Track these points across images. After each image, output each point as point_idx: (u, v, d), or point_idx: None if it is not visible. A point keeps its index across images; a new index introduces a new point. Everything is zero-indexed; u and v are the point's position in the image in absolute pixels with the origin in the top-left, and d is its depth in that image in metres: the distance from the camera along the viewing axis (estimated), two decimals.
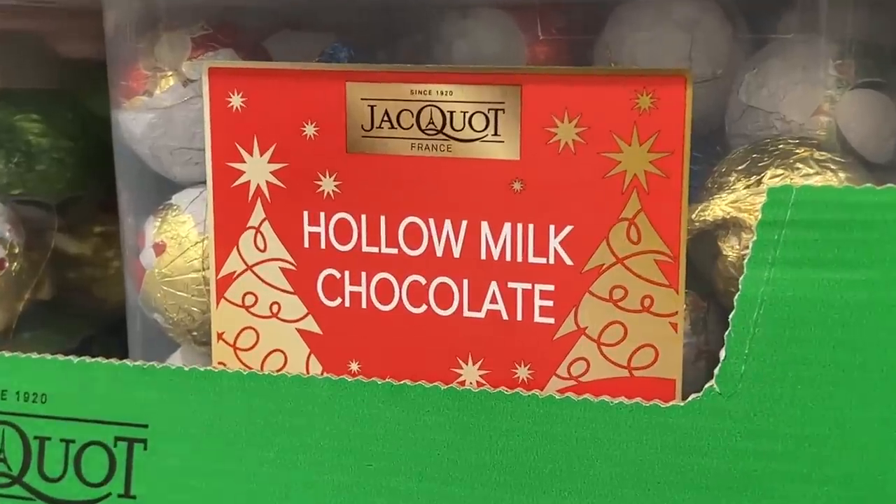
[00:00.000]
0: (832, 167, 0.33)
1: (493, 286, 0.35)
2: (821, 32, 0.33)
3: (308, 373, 0.36)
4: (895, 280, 0.30)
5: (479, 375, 0.35)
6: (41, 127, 0.47)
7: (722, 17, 0.36)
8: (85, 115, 0.49)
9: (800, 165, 0.33)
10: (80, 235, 0.49)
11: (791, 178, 0.33)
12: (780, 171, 0.33)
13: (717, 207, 0.33)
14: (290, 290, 0.36)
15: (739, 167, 0.34)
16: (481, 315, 0.35)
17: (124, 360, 0.36)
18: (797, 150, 0.33)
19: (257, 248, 0.36)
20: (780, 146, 0.33)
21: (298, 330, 0.37)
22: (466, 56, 0.38)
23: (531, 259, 0.34)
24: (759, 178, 0.33)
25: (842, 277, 0.30)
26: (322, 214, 0.36)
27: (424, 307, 0.35)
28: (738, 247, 0.33)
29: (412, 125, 0.34)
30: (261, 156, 0.36)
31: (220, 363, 0.37)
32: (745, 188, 0.33)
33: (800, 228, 0.31)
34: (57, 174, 0.47)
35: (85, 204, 0.49)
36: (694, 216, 0.34)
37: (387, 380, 0.34)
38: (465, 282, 0.35)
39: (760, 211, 0.31)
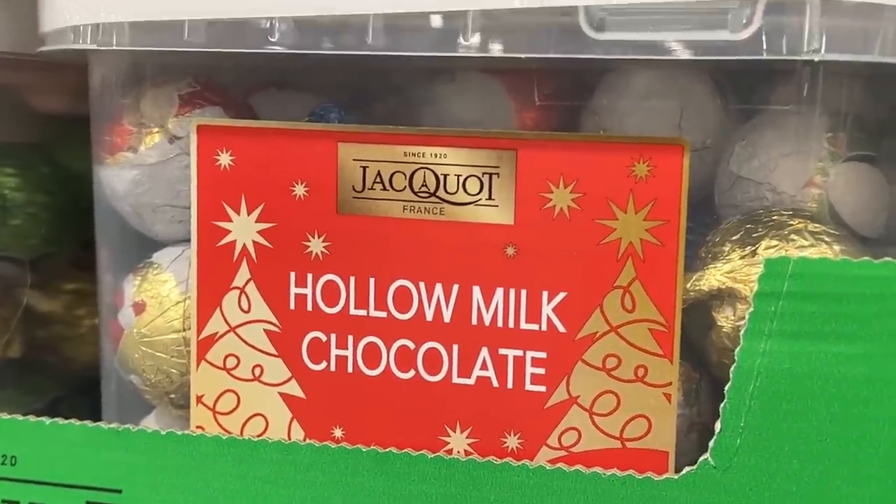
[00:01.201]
0: (827, 239, 0.32)
1: (484, 352, 0.34)
2: (816, 104, 0.33)
3: (290, 438, 0.35)
4: (892, 354, 0.30)
5: (468, 444, 0.34)
6: (16, 181, 0.46)
7: (712, 88, 0.36)
8: (61, 169, 0.48)
9: (794, 237, 0.33)
10: (51, 292, 0.48)
11: (786, 250, 0.32)
12: (774, 242, 0.33)
13: (713, 277, 0.33)
14: (274, 352, 0.36)
15: (734, 237, 0.34)
16: (471, 382, 0.34)
17: (98, 423, 0.35)
18: (791, 222, 0.33)
19: (241, 309, 0.36)
20: (774, 217, 0.33)
21: (281, 394, 0.36)
22: (453, 120, 0.37)
23: (523, 325, 0.34)
24: (753, 248, 0.33)
25: (839, 351, 0.30)
26: (309, 276, 0.35)
27: (412, 372, 0.35)
28: (732, 318, 0.33)
29: (405, 187, 0.34)
30: (248, 215, 0.35)
31: (198, 427, 0.36)
32: (740, 258, 0.33)
33: (797, 300, 0.30)
34: (31, 229, 0.46)
35: (57, 260, 0.48)
36: (689, 286, 0.33)
37: (372, 447, 0.33)
38: (455, 347, 0.34)
39: (757, 282, 0.30)
